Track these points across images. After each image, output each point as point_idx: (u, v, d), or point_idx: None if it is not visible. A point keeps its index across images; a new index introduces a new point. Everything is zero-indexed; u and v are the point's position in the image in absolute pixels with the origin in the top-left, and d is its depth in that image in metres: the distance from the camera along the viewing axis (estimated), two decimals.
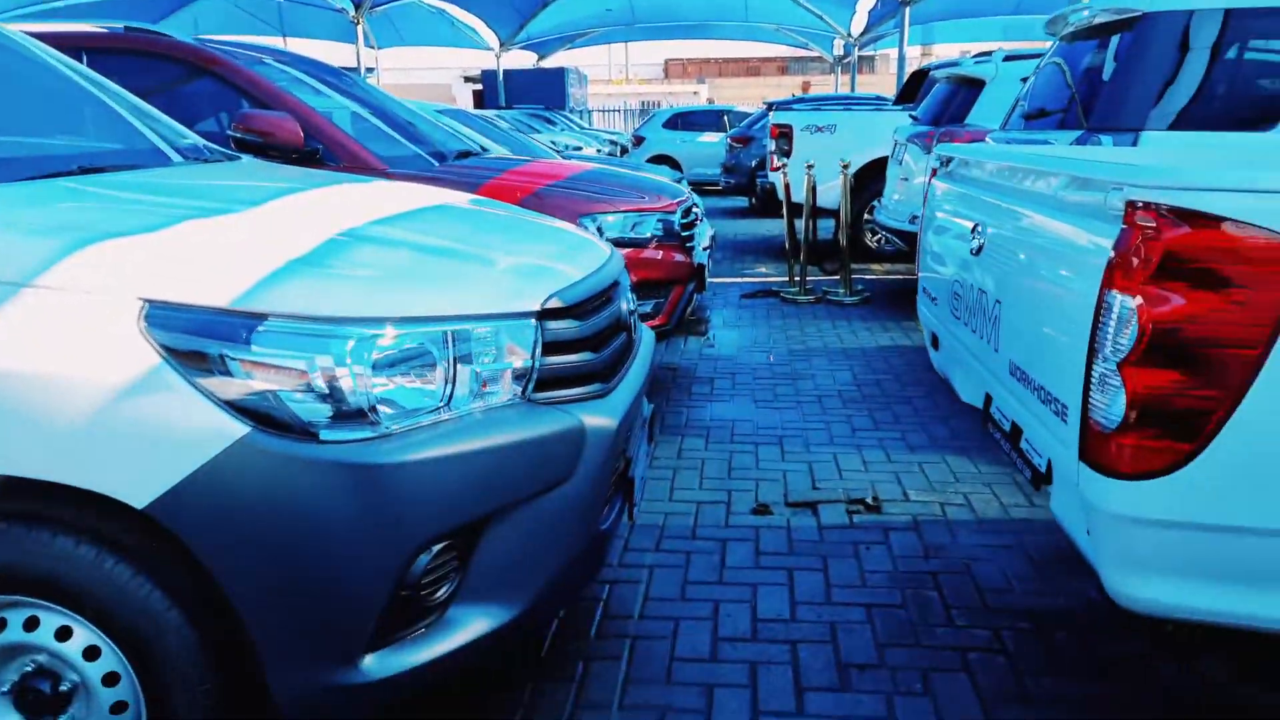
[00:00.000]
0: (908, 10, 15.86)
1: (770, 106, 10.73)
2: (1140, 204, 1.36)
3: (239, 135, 3.60)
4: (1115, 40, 4.15)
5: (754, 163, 12.34)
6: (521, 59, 30.72)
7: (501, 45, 26.46)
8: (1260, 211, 1.30)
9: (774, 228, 11.23)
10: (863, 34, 25.06)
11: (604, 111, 33.26)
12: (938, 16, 23.01)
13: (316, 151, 3.84)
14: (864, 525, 3.04)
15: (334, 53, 25.70)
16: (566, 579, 1.79)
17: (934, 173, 2.82)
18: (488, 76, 28.07)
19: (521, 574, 1.68)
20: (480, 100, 29.47)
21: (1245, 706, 2.08)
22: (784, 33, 28.08)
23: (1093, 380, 1.45)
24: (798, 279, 7.10)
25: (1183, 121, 3.84)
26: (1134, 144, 3.62)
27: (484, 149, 5.25)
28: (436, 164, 4.24)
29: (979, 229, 2.20)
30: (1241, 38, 3.97)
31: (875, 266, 8.34)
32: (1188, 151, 3.14)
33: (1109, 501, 1.44)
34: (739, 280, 7.78)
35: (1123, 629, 2.39)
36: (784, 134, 8.46)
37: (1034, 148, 2.60)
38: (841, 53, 27.88)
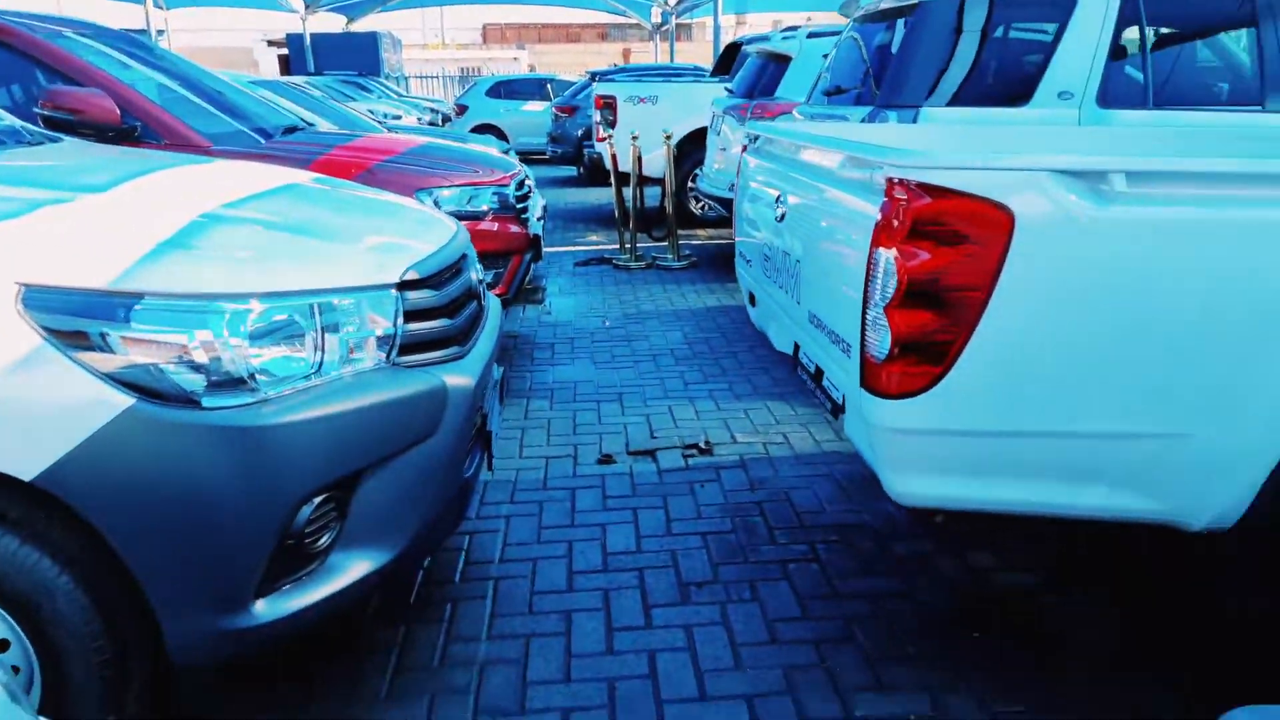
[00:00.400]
0: None
1: (594, 77, 10.94)
2: (896, 180, 1.71)
3: (47, 113, 3.46)
4: (900, 23, 4.65)
5: (580, 132, 12.53)
6: (329, 22, 29.29)
7: (307, 7, 25.15)
8: (983, 184, 1.66)
9: (603, 196, 11.51)
10: (679, 2, 25.62)
11: (422, 78, 32.26)
12: None
13: (134, 129, 3.73)
14: (698, 466, 3.38)
15: (116, 13, 23.57)
16: (437, 522, 1.99)
17: (744, 147, 3.15)
18: (293, 40, 26.60)
19: (397, 520, 1.86)
20: (286, 66, 27.90)
21: (1001, 586, 2.57)
22: None
23: (867, 322, 1.79)
24: (628, 246, 7.41)
25: (957, 98, 4.37)
26: (914, 120, 4.12)
27: (309, 123, 5.19)
28: (263, 140, 4.20)
29: (781, 198, 2.54)
30: (1005, 20, 4.54)
31: (700, 232, 8.79)
32: (955, 127, 3.64)
33: (882, 418, 1.79)
34: (572, 249, 8.01)
35: (913, 535, 2.84)
36: (608, 105, 8.71)
37: (824, 127, 2.97)
38: (660, 20, 28.39)
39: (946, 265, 1.67)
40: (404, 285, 1.92)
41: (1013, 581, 2.58)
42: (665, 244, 7.55)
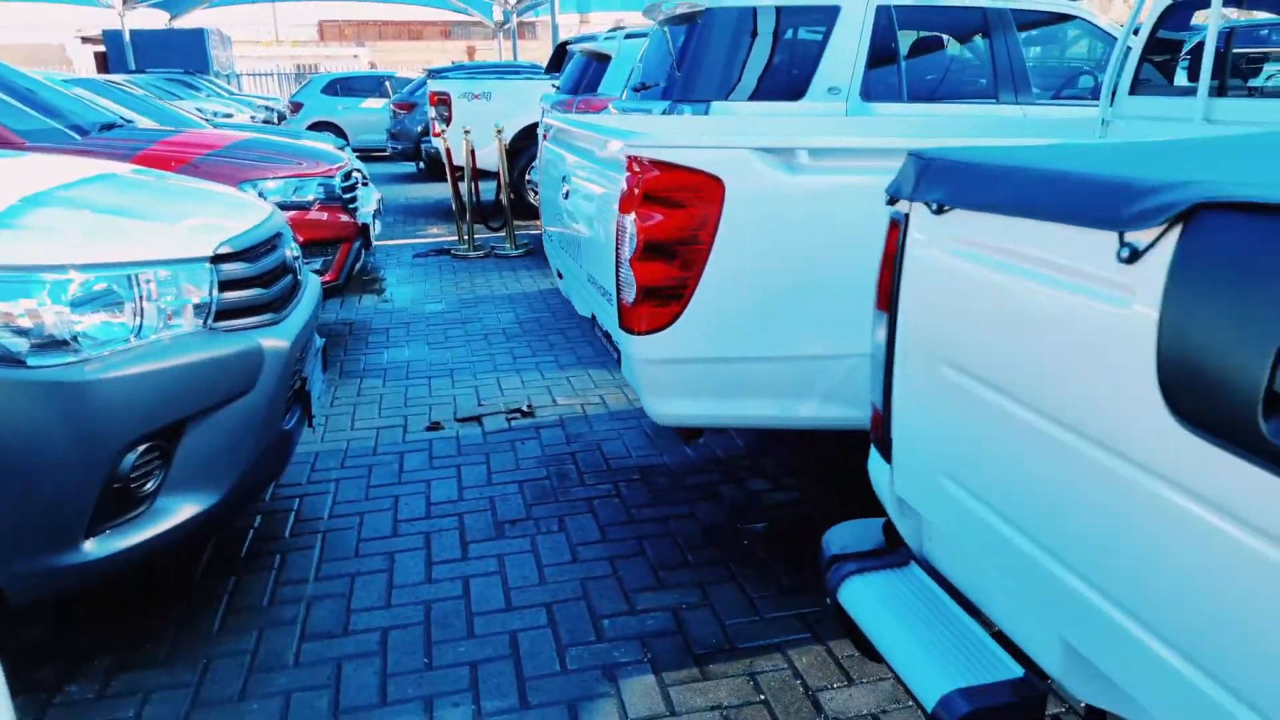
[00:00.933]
0: None
1: (430, 74, 11.03)
2: (633, 157, 2.09)
3: None
4: (697, 27, 5.11)
5: (419, 129, 12.58)
6: (150, 18, 27.76)
7: (125, 2, 23.80)
8: (700, 160, 2.07)
9: (442, 191, 11.63)
10: (519, 1, 25.78)
11: (255, 76, 30.99)
12: None
13: None
14: (520, 427, 3.71)
15: None
16: (259, 469, 2.24)
17: (544, 138, 3.51)
18: (111, 37, 25.07)
19: (219, 466, 2.11)
20: (104, 64, 26.25)
21: (771, 503, 3.03)
22: None
23: (620, 275, 2.18)
24: (466, 237, 7.64)
25: (745, 93, 4.88)
26: (706, 112, 4.59)
27: (128, 120, 5.18)
28: (79, 137, 4.22)
29: (567, 178, 2.90)
30: (789, 25, 5.07)
31: (539, 222, 9.10)
32: (735, 119, 4.11)
33: (637, 352, 2.19)
34: (412, 241, 8.16)
35: (703, 470, 3.28)
36: (443, 101, 8.89)
37: (593, 117, 3.36)
38: (502, 19, 28.43)
39: (674, 225, 2.07)
40: (218, 259, 2.16)
41: (780, 499, 3.05)
42: (503, 234, 7.82)
